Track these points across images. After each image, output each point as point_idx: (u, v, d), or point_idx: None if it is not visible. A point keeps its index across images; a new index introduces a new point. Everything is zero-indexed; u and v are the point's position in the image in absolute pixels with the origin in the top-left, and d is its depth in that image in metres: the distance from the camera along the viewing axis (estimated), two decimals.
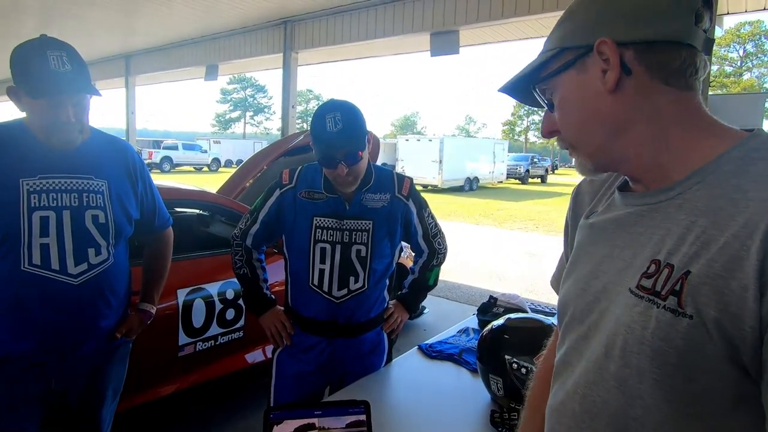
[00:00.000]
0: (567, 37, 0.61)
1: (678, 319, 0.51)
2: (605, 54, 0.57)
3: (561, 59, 0.62)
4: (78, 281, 1.27)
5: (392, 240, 1.57)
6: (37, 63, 1.15)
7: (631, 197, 0.64)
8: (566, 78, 0.62)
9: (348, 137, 1.36)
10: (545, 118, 0.67)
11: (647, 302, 0.54)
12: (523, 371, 1.27)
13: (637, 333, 0.54)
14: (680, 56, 0.56)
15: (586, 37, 0.59)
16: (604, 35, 0.57)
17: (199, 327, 2.36)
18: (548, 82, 0.64)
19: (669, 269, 0.53)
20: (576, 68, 0.60)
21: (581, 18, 0.60)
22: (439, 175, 18.69)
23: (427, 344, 1.78)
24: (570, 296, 0.69)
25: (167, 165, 25.70)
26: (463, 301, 5.07)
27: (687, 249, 0.52)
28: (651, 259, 0.56)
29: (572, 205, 0.80)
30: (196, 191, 2.90)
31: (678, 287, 0.51)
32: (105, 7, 6.55)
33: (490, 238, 8.96)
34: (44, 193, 1.23)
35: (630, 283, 0.58)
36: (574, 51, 0.60)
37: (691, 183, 0.56)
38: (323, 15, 6.38)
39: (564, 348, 0.70)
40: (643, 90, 0.57)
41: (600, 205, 0.71)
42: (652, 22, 0.56)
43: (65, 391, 1.34)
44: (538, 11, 4.69)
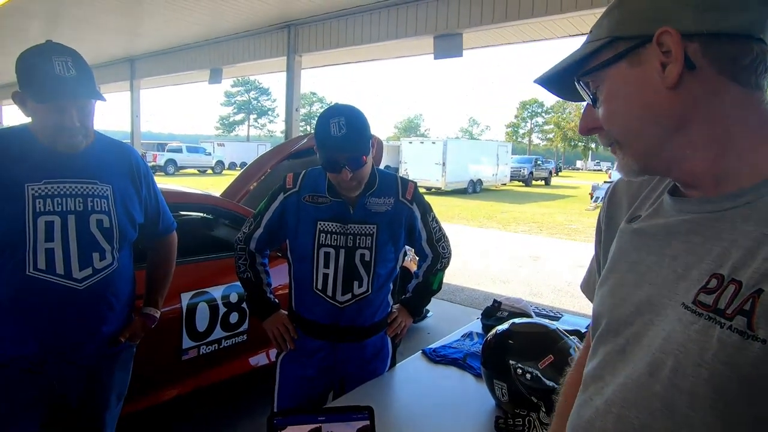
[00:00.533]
0: (620, 25, 0.56)
1: (747, 342, 0.46)
2: (666, 46, 0.52)
3: (611, 50, 0.56)
4: (82, 286, 1.27)
5: (396, 244, 1.57)
6: (43, 68, 1.15)
7: (686, 203, 0.58)
8: (616, 71, 0.57)
9: (352, 142, 1.36)
10: (586, 113, 0.63)
11: (707, 320, 0.49)
12: (528, 377, 1.26)
13: (694, 354, 0.49)
14: (752, 51, 0.51)
15: (643, 26, 0.53)
16: (667, 24, 0.51)
17: (202, 331, 2.36)
18: (595, 74, 0.59)
19: (735, 285, 0.48)
20: (629, 60, 0.55)
21: (637, 5, 0.55)
22: (442, 177, 18.67)
23: (431, 348, 1.77)
24: (605, 305, 0.64)
25: (171, 168, 25.80)
26: (467, 305, 5.06)
27: (759, 265, 0.47)
28: (711, 272, 0.51)
29: (606, 206, 0.75)
30: (200, 195, 2.91)
31: (748, 307, 0.46)
32: (111, 11, 6.59)
33: (494, 241, 8.93)
34: (49, 198, 1.23)
35: (684, 297, 0.52)
36: (627, 41, 0.55)
37: (763, 191, 0.51)
38: (327, 18, 6.40)
39: (596, 360, 0.65)
40: (707, 87, 0.52)
41: (643, 209, 0.66)
42: (723, 11, 0.51)
43: (68, 396, 1.34)
44: (541, 14, 4.69)
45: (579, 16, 4.54)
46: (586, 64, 0.59)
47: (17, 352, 1.25)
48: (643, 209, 0.66)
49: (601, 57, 0.57)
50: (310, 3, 5.96)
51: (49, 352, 1.27)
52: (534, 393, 1.25)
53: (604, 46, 0.57)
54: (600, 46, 0.57)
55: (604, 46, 0.57)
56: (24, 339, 1.25)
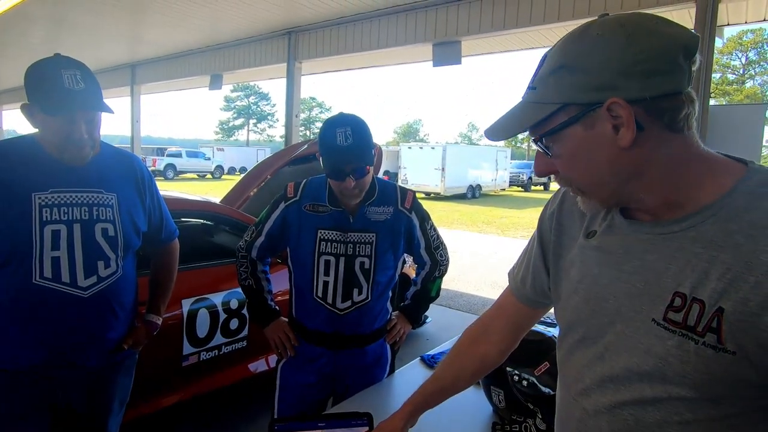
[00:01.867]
0: (571, 91, 0.60)
1: (720, 354, 0.55)
2: (616, 112, 0.57)
3: (564, 113, 0.61)
4: (88, 294, 1.29)
5: (395, 252, 1.59)
6: (52, 81, 1.18)
7: (639, 225, 0.66)
8: (572, 132, 0.61)
9: (358, 152, 1.39)
10: (540, 159, 0.68)
11: (681, 337, 0.57)
12: (524, 383, 1.28)
13: (676, 366, 0.58)
14: (684, 104, 0.58)
15: (594, 95, 0.58)
16: (614, 94, 0.57)
17: (203, 337, 2.37)
18: (551, 136, 0.63)
19: (700, 305, 0.56)
20: (582, 124, 0.60)
21: (586, 75, 0.59)
22: (441, 182, 18.71)
23: (430, 355, 1.79)
24: (582, 315, 0.71)
25: (171, 172, 25.83)
26: (466, 310, 5.07)
27: (715, 285, 0.55)
28: (673, 291, 0.59)
29: (557, 214, 0.81)
30: (201, 201, 2.93)
31: (715, 324, 0.54)
32: (113, 17, 6.64)
33: (493, 247, 8.95)
34: (56, 207, 1.26)
35: (652, 313, 0.60)
36: (579, 107, 0.60)
37: (704, 216, 0.59)
38: (327, 25, 6.45)
39: (573, 364, 0.73)
40: (654, 141, 0.59)
41: (596, 224, 0.73)
42: (662, 76, 0.57)
43: (73, 402, 1.36)
44: (539, 23, 4.74)
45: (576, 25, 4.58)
46: (540, 126, 0.64)
47: (23, 358, 1.27)
48: (596, 224, 0.73)
49: (555, 119, 0.62)
50: (311, 11, 6.02)
51: (54, 359, 1.29)
52: (530, 399, 1.27)
53: (557, 111, 0.61)
54: (553, 111, 0.62)
55: (557, 111, 0.61)
56: (30, 345, 1.27)
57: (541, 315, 0.96)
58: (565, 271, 0.77)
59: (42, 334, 1.27)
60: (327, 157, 1.42)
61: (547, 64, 0.63)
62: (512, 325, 0.96)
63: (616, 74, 0.57)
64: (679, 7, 4.15)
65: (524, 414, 1.29)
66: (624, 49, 0.56)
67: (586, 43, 0.59)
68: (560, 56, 0.61)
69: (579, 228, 0.76)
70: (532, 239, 0.90)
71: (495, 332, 0.96)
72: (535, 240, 0.88)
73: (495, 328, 0.96)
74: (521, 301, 0.92)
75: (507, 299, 0.95)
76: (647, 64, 0.56)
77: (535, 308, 0.92)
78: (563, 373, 0.77)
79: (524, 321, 0.96)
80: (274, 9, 6.05)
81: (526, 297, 0.91)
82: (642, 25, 0.58)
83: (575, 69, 0.59)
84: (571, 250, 0.76)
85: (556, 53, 0.62)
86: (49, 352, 1.28)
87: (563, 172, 0.66)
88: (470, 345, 0.99)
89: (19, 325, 1.25)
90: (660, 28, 0.58)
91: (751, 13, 4.93)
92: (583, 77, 0.59)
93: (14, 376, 1.27)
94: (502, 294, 0.98)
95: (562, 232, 0.80)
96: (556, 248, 0.80)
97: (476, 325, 1.00)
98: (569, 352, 0.74)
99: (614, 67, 0.57)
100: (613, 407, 0.65)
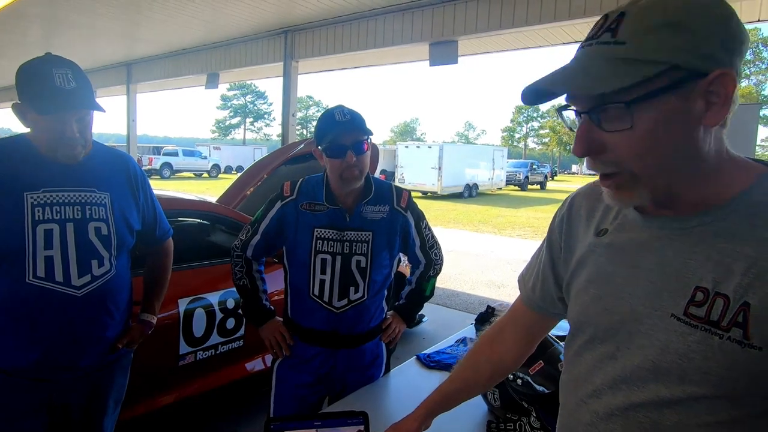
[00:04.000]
0: (680, 54, 0.52)
1: (745, 350, 0.53)
2: (717, 87, 0.53)
3: (664, 78, 0.52)
4: (81, 293, 1.29)
5: (391, 251, 1.59)
6: (43, 80, 1.18)
7: (656, 220, 0.63)
8: (662, 103, 0.53)
9: (356, 125, 1.45)
10: (588, 134, 0.58)
11: (704, 332, 0.55)
12: (519, 382, 1.28)
13: (697, 362, 0.56)
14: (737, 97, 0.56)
15: (701, 63, 0.52)
16: (723, 66, 0.52)
17: (199, 336, 2.37)
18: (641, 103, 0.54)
19: (724, 299, 0.54)
20: (681, 93, 0.53)
21: (695, 38, 0.52)
22: (438, 181, 18.73)
23: (425, 354, 1.79)
24: (590, 314, 0.69)
25: (167, 171, 25.76)
26: (462, 309, 5.08)
27: (740, 279, 0.54)
28: (695, 285, 0.57)
29: (566, 218, 0.79)
30: (197, 201, 2.92)
31: (741, 319, 0.53)
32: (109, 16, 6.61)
33: (489, 246, 8.97)
34: (48, 207, 1.25)
35: (672, 308, 0.58)
36: (686, 72, 0.52)
37: (725, 211, 0.57)
38: (324, 25, 6.44)
39: (583, 365, 0.70)
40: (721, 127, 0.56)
41: (607, 222, 0.70)
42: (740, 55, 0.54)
43: (67, 402, 1.35)
44: (535, 23, 4.75)
45: (572, 24, 4.60)
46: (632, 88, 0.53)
47: (17, 358, 1.26)
48: (607, 222, 0.70)
49: (654, 83, 0.53)
50: (308, 10, 6.01)
51: (49, 359, 1.28)
52: (525, 398, 1.27)
53: (661, 73, 0.52)
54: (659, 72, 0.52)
55: (661, 73, 0.52)
56: (24, 346, 1.26)
57: (554, 324, 0.93)
58: (573, 272, 0.75)
59: (36, 334, 1.26)
60: (327, 134, 1.45)
61: (640, 20, 0.53)
62: (524, 331, 0.93)
63: (722, 46, 0.53)
64: None
65: (519, 412, 1.30)
66: (731, 22, 0.53)
67: (693, 5, 0.53)
68: (662, 13, 0.53)
69: (586, 228, 0.74)
70: (541, 246, 0.88)
71: (509, 337, 0.94)
72: (544, 247, 0.86)
73: (508, 334, 0.95)
74: (531, 309, 0.90)
75: (518, 306, 0.93)
76: (744, 45, 0.54)
77: (546, 316, 0.90)
78: (570, 376, 0.74)
79: (536, 328, 0.93)
80: (271, 8, 6.03)
81: (536, 305, 0.89)
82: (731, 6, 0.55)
83: (683, 29, 0.52)
84: (579, 250, 0.74)
85: (654, 9, 0.53)
86: (43, 352, 1.28)
87: (623, 152, 0.56)
88: (486, 349, 0.97)
89: (13, 325, 1.25)
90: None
91: (746, 13, 4.96)
92: (692, 40, 0.52)
93: (9, 376, 1.26)
94: (515, 301, 0.95)
95: (571, 236, 0.78)
96: (566, 253, 0.78)
97: (491, 330, 0.99)
98: (577, 353, 0.72)
99: (722, 38, 0.52)
100: (627, 410, 0.62)
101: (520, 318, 0.93)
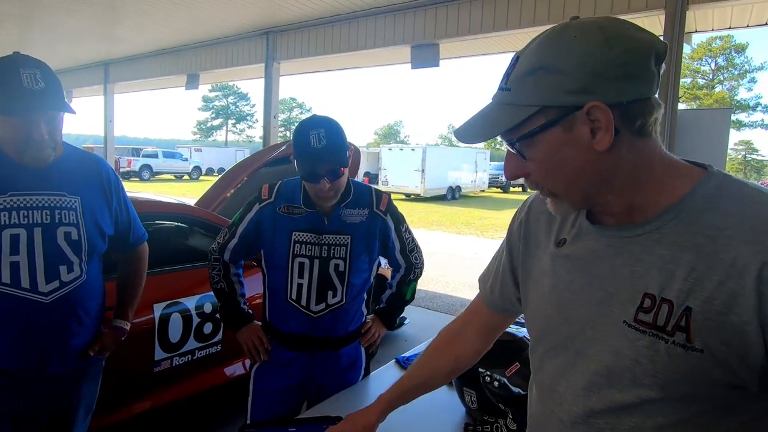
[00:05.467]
0: (550, 94, 0.59)
1: (689, 353, 0.56)
2: (594, 116, 0.57)
3: (543, 116, 0.60)
4: (49, 299, 1.25)
5: (370, 255, 1.59)
6: (10, 81, 1.14)
7: (605, 229, 0.67)
8: (550, 135, 0.60)
9: (332, 153, 1.38)
10: (511, 162, 0.66)
11: (652, 337, 0.58)
12: (496, 384, 1.29)
13: (646, 366, 0.59)
14: (654, 109, 0.60)
15: (573, 98, 0.58)
16: (594, 98, 0.57)
17: (175, 342, 2.33)
18: (529, 139, 0.61)
19: (668, 305, 0.57)
20: (561, 127, 0.60)
21: (565, 77, 0.58)
22: (421, 184, 18.80)
23: (405, 357, 1.79)
24: (552, 323, 0.72)
25: (146, 173, 25.29)
26: (444, 311, 5.10)
27: (681, 285, 0.57)
28: (643, 292, 0.60)
29: (524, 223, 0.82)
30: (174, 203, 2.88)
31: (684, 323, 0.56)
32: (85, 15, 6.47)
33: (472, 248, 9.04)
34: (15, 211, 1.22)
35: (623, 315, 0.61)
36: (559, 110, 0.59)
37: (666, 219, 0.60)
38: (306, 26, 6.41)
39: (545, 373, 0.73)
40: (626, 145, 0.60)
41: (565, 231, 0.73)
42: (636, 82, 0.58)
43: (36, 411, 1.31)
44: (515, 26, 4.81)
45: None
46: (517, 128, 0.62)
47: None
48: (565, 231, 0.73)
49: (534, 122, 0.60)
50: (290, 11, 5.97)
51: (16, 367, 1.25)
52: (501, 400, 1.28)
53: (536, 114, 0.60)
54: (532, 114, 0.60)
55: (536, 114, 0.60)
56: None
57: (511, 321, 0.98)
58: (534, 281, 0.77)
59: (3, 341, 1.22)
60: (301, 160, 1.41)
61: (522, 65, 0.61)
62: (484, 329, 0.97)
63: (595, 77, 0.57)
64: (649, 13, 4.26)
65: (496, 414, 1.31)
66: (603, 52, 0.56)
67: (564, 45, 0.58)
68: (537, 57, 0.60)
69: (546, 236, 0.77)
70: (501, 248, 0.91)
71: (469, 334, 0.98)
72: (503, 249, 0.89)
73: (469, 330, 0.98)
74: (490, 308, 0.94)
75: (478, 304, 0.97)
76: (625, 68, 0.56)
77: (505, 315, 0.94)
78: (537, 385, 0.77)
79: (495, 325, 0.98)
80: (253, 9, 5.98)
81: (495, 305, 0.92)
82: (619, 29, 0.58)
83: (554, 70, 0.58)
84: (540, 259, 0.77)
85: (533, 54, 0.60)
86: (10, 360, 1.24)
87: (536, 176, 0.65)
88: (446, 344, 1.01)
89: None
90: (634, 33, 0.58)
91: (717, 21, 5.10)
92: (562, 79, 0.58)
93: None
94: (475, 299, 0.99)
95: (530, 240, 0.80)
96: (524, 257, 0.81)
97: (451, 326, 1.02)
98: (541, 362, 0.74)
99: (593, 70, 0.57)
100: (589, 417, 0.65)
101: (480, 316, 0.97)
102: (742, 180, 0.61)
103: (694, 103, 36.40)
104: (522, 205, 0.86)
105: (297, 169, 1.44)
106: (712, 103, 35.08)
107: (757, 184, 0.61)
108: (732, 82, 37.88)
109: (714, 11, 4.68)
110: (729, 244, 0.55)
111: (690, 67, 36.59)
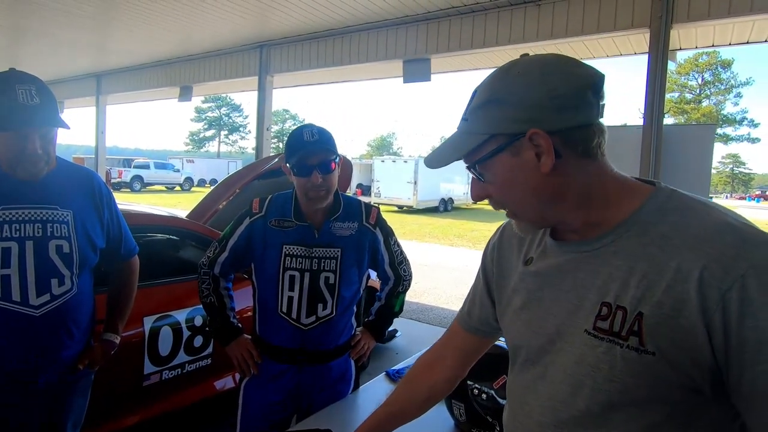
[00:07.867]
0: (497, 124, 0.67)
1: (642, 356, 0.59)
2: (536, 142, 0.64)
3: (493, 143, 0.68)
4: (39, 312, 1.26)
5: (360, 267, 1.61)
6: (5, 96, 1.16)
7: (566, 245, 0.72)
8: (500, 159, 0.68)
9: (323, 146, 1.45)
10: (475, 184, 0.74)
11: (609, 342, 0.62)
12: (484, 396, 1.31)
13: (605, 372, 0.62)
14: (594, 134, 0.66)
15: (517, 126, 0.65)
16: (535, 126, 0.64)
17: (165, 355, 2.31)
18: (483, 163, 0.70)
19: (622, 311, 0.61)
20: (509, 152, 0.67)
21: (511, 108, 0.65)
22: (414, 195, 18.87)
23: (395, 370, 1.80)
24: (524, 338, 0.76)
25: (138, 184, 25.15)
26: (436, 324, 5.11)
27: (634, 292, 0.61)
28: (600, 301, 0.64)
29: (498, 248, 0.88)
30: (165, 216, 2.88)
31: (636, 328, 0.60)
32: (78, 26, 6.48)
33: (464, 260, 9.06)
34: (7, 224, 1.22)
35: (584, 324, 0.65)
36: (505, 137, 0.66)
37: (620, 232, 0.66)
38: (299, 40, 6.48)
39: (518, 386, 0.77)
40: (571, 167, 0.66)
41: (532, 250, 0.78)
42: (574, 110, 0.64)
43: (24, 422, 1.31)
44: (504, 43, 4.90)
45: (540, 46, 4.76)
46: (473, 154, 0.70)
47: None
48: (532, 250, 0.79)
49: (485, 148, 0.69)
50: (284, 25, 6.03)
51: (4, 379, 1.24)
52: (489, 412, 1.30)
53: (486, 141, 0.68)
54: (483, 141, 0.68)
55: (486, 141, 0.68)
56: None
57: (489, 344, 0.99)
58: (508, 300, 0.81)
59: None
60: (294, 153, 1.46)
61: (477, 98, 0.69)
62: (461, 353, 0.99)
63: (534, 108, 0.64)
64: (634, 32, 4.37)
65: (484, 427, 1.32)
66: (539, 88, 0.64)
67: (509, 81, 0.67)
68: (488, 92, 0.68)
69: (517, 256, 0.82)
70: (477, 273, 0.95)
71: (446, 360, 1.00)
72: (480, 274, 0.93)
73: (448, 359, 1.00)
74: (468, 331, 0.96)
75: (456, 330, 0.99)
76: (559, 100, 0.64)
77: (483, 337, 0.96)
78: (510, 399, 0.80)
79: (473, 349, 0.99)
80: (246, 23, 6.04)
81: (473, 327, 0.95)
82: (557, 66, 0.66)
83: (501, 103, 0.66)
84: (512, 279, 0.81)
85: (485, 89, 0.69)
86: (1, 373, 1.23)
87: (495, 196, 0.72)
88: (420, 374, 1.02)
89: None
90: (571, 68, 0.66)
91: (701, 39, 5.24)
92: (507, 110, 0.66)
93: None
94: (452, 324, 1.01)
95: (503, 262, 0.85)
96: (498, 279, 0.86)
97: (427, 354, 1.04)
98: (515, 376, 0.78)
99: (532, 103, 0.64)
100: (556, 427, 0.68)
101: (458, 341, 0.99)
102: (687, 194, 0.66)
103: (682, 117, 37.04)
104: (496, 231, 0.91)
105: (290, 166, 1.48)
106: (700, 117, 35.72)
107: (700, 198, 0.66)
108: (719, 97, 38.64)
109: (697, 30, 4.81)
110: (675, 252, 0.59)
111: (678, 81, 37.32)
